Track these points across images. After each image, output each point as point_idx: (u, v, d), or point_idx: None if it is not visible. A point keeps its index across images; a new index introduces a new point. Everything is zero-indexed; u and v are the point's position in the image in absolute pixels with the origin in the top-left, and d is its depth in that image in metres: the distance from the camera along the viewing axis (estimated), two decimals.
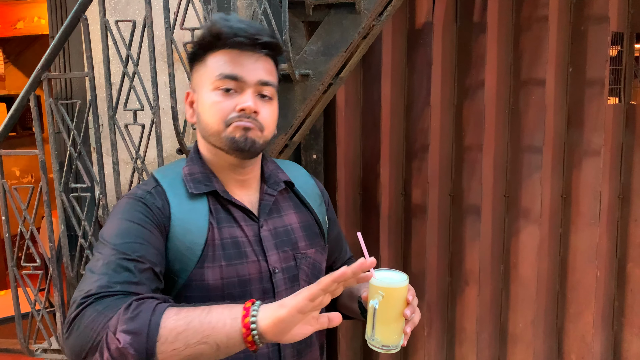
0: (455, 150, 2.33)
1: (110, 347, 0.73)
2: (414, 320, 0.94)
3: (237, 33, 0.91)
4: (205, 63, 0.95)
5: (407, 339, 0.93)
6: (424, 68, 2.28)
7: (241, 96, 0.92)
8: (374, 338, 0.92)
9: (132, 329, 0.72)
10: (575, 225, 2.23)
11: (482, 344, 2.34)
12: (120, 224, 0.89)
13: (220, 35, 0.91)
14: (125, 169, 1.97)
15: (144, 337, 0.72)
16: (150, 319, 0.74)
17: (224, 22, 0.91)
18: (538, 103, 2.17)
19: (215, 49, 0.93)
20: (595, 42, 2.10)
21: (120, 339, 0.72)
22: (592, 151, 2.15)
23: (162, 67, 1.75)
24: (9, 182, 1.74)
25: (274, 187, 1.03)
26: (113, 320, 0.74)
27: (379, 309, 0.90)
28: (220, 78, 0.92)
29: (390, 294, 0.91)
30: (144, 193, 0.93)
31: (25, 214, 1.74)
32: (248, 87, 0.93)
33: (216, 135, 0.94)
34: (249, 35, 0.91)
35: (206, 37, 0.93)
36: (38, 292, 1.81)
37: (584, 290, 2.24)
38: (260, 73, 0.94)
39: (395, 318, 0.91)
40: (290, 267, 0.99)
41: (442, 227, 2.35)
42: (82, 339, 0.76)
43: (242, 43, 0.92)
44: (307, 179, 1.13)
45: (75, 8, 1.55)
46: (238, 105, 0.92)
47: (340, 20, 1.62)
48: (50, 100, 1.68)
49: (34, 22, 4.39)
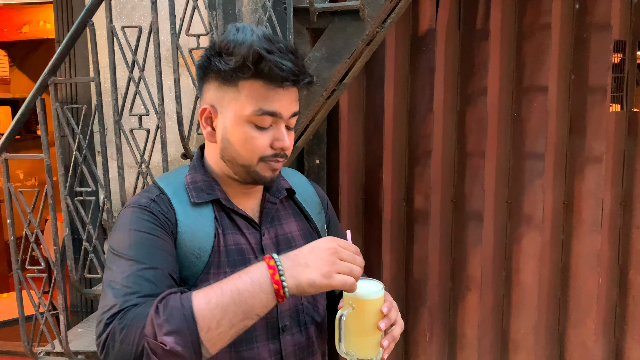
0: (457, 156, 2.34)
1: (157, 351, 0.74)
2: (393, 334, 0.90)
3: (287, 77, 0.86)
4: (237, 89, 0.88)
5: (387, 352, 0.90)
6: (427, 74, 2.30)
7: (277, 132, 0.90)
8: (348, 351, 0.89)
9: (172, 330, 0.73)
10: (577, 231, 2.23)
11: (483, 349, 2.34)
12: (131, 235, 0.88)
13: (270, 75, 0.86)
14: (130, 173, 1.98)
15: (186, 332, 0.74)
16: (184, 313, 0.75)
17: (271, 58, 0.84)
18: (540, 110, 2.18)
19: (252, 78, 0.87)
20: (598, 50, 2.11)
21: (166, 342, 0.73)
22: (594, 158, 2.16)
23: (168, 73, 1.77)
24: (13, 184, 1.76)
25: (276, 194, 1.03)
26: (148, 328, 0.75)
27: (351, 320, 0.87)
28: (260, 114, 0.88)
29: (362, 306, 0.87)
30: (148, 201, 0.92)
31: (30, 217, 1.75)
32: (283, 121, 0.91)
33: (246, 167, 0.92)
34: (296, 78, 0.88)
35: (248, 67, 0.85)
36: (42, 294, 1.82)
37: (585, 297, 2.24)
38: (294, 106, 0.92)
39: (369, 330, 0.88)
40: None
41: (444, 232, 2.36)
42: (122, 356, 0.77)
43: (288, 85, 0.88)
44: (307, 186, 1.12)
45: (82, 14, 1.56)
46: (275, 143, 0.90)
47: (344, 27, 1.64)
48: (56, 105, 1.69)
49: (40, 26, 4.42)
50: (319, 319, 1.02)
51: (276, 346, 0.94)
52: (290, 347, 0.96)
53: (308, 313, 0.99)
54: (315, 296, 1.01)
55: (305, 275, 0.78)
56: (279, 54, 0.85)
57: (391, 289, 2.41)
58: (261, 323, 0.91)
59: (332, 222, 1.16)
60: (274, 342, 0.94)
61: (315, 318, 1.01)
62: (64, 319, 1.77)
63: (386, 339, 0.89)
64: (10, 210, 1.75)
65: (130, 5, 2.21)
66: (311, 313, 1.00)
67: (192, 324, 0.74)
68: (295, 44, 1.69)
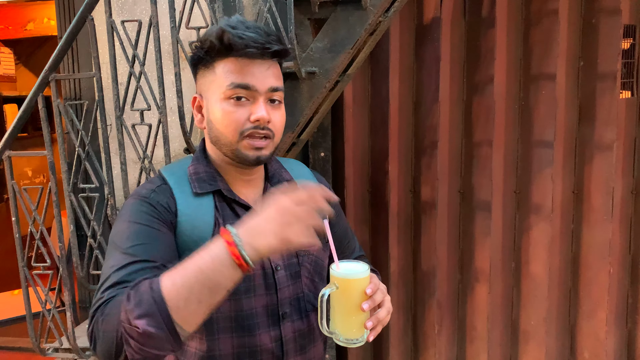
0: (464, 147, 2.31)
1: (133, 335, 0.76)
2: (378, 316, 0.91)
3: (248, 44, 0.90)
4: (214, 70, 0.94)
5: (373, 334, 0.91)
6: (433, 64, 2.26)
7: (254, 106, 0.92)
8: (333, 331, 0.91)
9: (143, 313, 0.75)
10: (587, 221, 2.20)
11: (494, 341, 2.32)
12: (128, 227, 0.90)
13: (232, 46, 0.90)
14: (133, 169, 1.98)
15: (156, 314, 0.75)
16: (153, 297, 0.76)
17: (233, 32, 0.90)
18: (549, 98, 2.15)
19: (223, 56, 0.93)
20: (607, 35, 2.07)
21: (139, 325, 0.74)
22: (604, 146, 2.12)
23: (169, 67, 1.75)
24: (22, 182, 1.76)
25: (277, 186, 1.04)
26: (122, 315, 0.77)
27: (335, 300, 0.89)
28: (232, 87, 0.91)
29: (346, 286, 0.89)
30: (148, 192, 0.95)
31: (35, 215, 1.75)
32: (259, 95, 0.93)
33: (229, 145, 0.94)
34: (260, 46, 0.91)
35: (215, 45, 0.92)
36: (48, 291, 1.83)
37: (596, 287, 2.21)
38: (271, 80, 0.94)
39: (353, 311, 0.89)
40: (292, 264, 1.01)
41: (451, 224, 2.33)
42: (106, 345, 0.80)
43: (253, 53, 0.91)
44: (310, 177, 1.14)
45: (81, 9, 1.55)
46: (252, 116, 0.92)
47: (347, 17, 1.61)
48: (57, 101, 1.68)
49: (44, 23, 4.43)
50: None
51: (277, 333, 0.97)
52: (290, 334, 0.98)
53: (309, 300, 1.01)
54: (316, 285, 1.04)
55: (263, 242, 0.76)
56: (243, 29, 0.90)
57: (399, 282, 2.39)
58: (262, 310, 0.95)
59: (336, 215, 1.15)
60: (274, 328, 0.96)
61: (315, 305, 1.03)
62: (71, 315, 1.77)
63: (370, 320, 0.90)
64: (14, 208, 1.75)
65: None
66: (312, 300, 1.02)
67: (162, 305, 0.75)
68: (297, 34, 1.66)
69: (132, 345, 0.76)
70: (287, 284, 0.99)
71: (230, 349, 0.94)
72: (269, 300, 0.96)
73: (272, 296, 0.96)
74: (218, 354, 0.93)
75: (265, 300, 0.96)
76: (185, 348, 0.95)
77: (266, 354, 0.96)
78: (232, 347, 0.94)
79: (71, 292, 1.78)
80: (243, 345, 0.94)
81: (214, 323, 0.92)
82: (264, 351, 0.96)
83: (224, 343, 0.93)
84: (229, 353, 0.93)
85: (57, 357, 1.94)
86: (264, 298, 0.95)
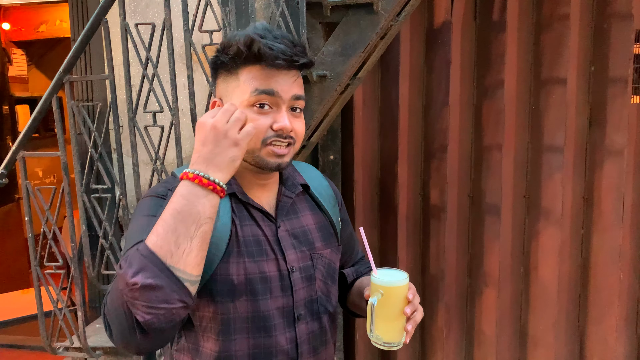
0: (474, 150, 2.31)
1: (135, 295, 0.76)
2: (415, 319, 0.95)
3: (277, 56, 0.90)
4: (238, 76, 0.93)
5: (409, 337, 0.95)
6: (443, 67, 2.27)
7: (277, 114, 0.93)
8: (376, 335, 0.95)
9: (136, 270, 0.76)
10: (597, 226, 2.19)
11: (502, 346, 2.32)
12: (143, 221, 0.90)
13: (261, 55, 0.90)
14: (145, 170, 1.99)
15: (150, 265, 0.76)
16: (142, 254, 0.78)
17: (263, 41, 0.90)
18: (559, 102, 2.14)
19: (250, 64, 0.92)
20: (619, 40, 2.06)
21: (137, 281, 0.75)
22: (615, 151, 2.11)
23: (181, 69, 1.77)
24: (32, 182, 1.78)
25: (291, 189, 1.05)
26: (121, 284, 0.78)
27: (379, 306, 0.93)
28: (257, 94, 0.91)
29: (390, 292, 0.93)
30: (165, 190, 0.95)
31: (47, 214, 1.77)
32: (283, 102, 0.93)
33: (250, 152, 0.94)
34: (289, 58, 0.91)
35: (242, 52, 0.91)
36: (60, 290, 1.84)
37: (606, 293, 2.20)
38: (295, 89, 0.95)
39: (396, 316, 0.93)
40: (307, 266, 1.02)
41: (461, 228, 2.33)
42: (118, 323, 0.81)
43: (281, 65, 0.92)
44: (322, 180, 1.15)
45: (96, 11, 1.57)
46: (275, 124, 0.92)
47: (358, 21, 1.62)
48: (71, 103, 1.70)
49: (57, 25, 4.48)
50: (331, 309, 1.06)
51: (292, 334, 0.98)
52: (305, 335, 1.00)
53: (322, 303, 1.03)
54: (328, 287, 1.05)
55: (223, 161, 0.82)
56: (271, 38, 0.91)
57: None
58: (278, 312, 0.96)
59: (344, 221, 1.18)
60: (290, 330, 0.98)
61: (328, 308, 1.04)
62: (82, 314, 1.79)
63: (410, 324, 0.94)
64: (28, 208, 1.77)
65: (144, 2, 2.21)
66: (324, 303, 1.04)
67: (152, 257, 0.77)
68: (308, 38, 1.67)
69: (139, 307, 0.77)
70: (302, 286, 1.00)
71: (247, 349, 0.94)
72: (285, 302, 0.97)
73: (288, 298, 0.97)
74: (234, 355, 0.94)
75: (281, 302, 0.97)
76: (200, 349, 0.96)
77: (282, 355, 0.97)
78: (248, 348, 0.94)
79: (82, 292, 1.80)
80: (259, 346, 0.95)
81: (231, 324, 0.93)
82: (280, 352, 0.96)
83: (240, 344, 0.94)
84: (244, 354, 0.94)
85: (67, 356, 1.96)
86: (280, 299, 0.96)
